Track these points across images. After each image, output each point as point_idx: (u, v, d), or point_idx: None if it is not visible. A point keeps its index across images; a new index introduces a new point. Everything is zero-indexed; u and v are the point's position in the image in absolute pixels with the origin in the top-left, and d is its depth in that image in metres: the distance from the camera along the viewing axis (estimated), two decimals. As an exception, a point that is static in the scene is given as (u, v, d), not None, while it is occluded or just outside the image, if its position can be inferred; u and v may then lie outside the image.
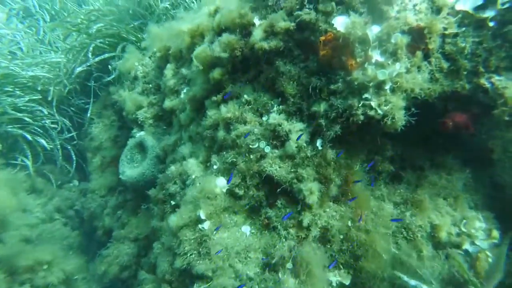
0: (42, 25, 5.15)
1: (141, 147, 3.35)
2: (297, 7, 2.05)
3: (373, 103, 1.73)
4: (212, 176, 2.11)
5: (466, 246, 1.92)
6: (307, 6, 1.92)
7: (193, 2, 4.16)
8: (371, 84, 1.73)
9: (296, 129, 1.95)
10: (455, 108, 1.93)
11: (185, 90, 2.99)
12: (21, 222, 3.66)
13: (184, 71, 3.04)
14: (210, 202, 1.98)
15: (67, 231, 4.08)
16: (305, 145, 1.94)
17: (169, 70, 3.24)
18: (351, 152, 2.02)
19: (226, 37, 2.22)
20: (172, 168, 2.55)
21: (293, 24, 2.00)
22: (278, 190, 1.92)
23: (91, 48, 4.06)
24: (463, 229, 1.95)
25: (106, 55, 4.02)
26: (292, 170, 1.92)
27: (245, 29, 2.23)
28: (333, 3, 1.88)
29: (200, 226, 1.93)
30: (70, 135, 4.41)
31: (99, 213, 4.03)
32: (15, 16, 5.21)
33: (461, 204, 2.02)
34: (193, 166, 2.36)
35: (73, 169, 4.44)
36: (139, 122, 3.50)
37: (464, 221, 1.97)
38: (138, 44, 3.91)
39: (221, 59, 2.28)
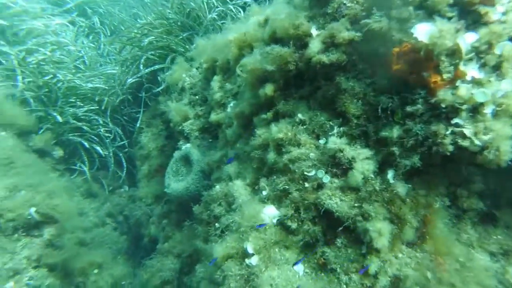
0: (103, 40, 5.53)
1: (187, 160, 3.31)
2: (363, 14, 1.77)
3: (467, 131, 1.37)
4: (261, 204, 1.92)
5: None
6: (377, 13, 1.63)
7: (239, 12, 4.06)
8: (464, 107, 1.39)
9: (361, 157, 1.67)
10: None
11: (231, 104, 2.87)
12: (78, 225, 3.89)
13: (230, 84, 2.92)
14: (259, 234, 1.79)
15: (116, 236, 4.25)
16: (372, 176, 1.64)
17: (215, 82, 3.15)
18: (430, 185, 1.67)
19: (277, 49, 2.02)
20: (217, 188, 2.42)
21: (358, 34, 1.73)
22: (340, 228, 1.65)
23: (142, 60, 4.19)
24: None
25: (156, 67, 4.12)
26: (356, 205, 1.64)
27: (300, 41, 2.00)
28: (411, 8, 1.56)
29: (247, 261, 1.75)
30: (122, 143, 4.61)
31: (145, 221, 4.13)
32: (82, 33, 5.68)
33: None
34: (239, 188, 2.19)
35: (124, 175, 4.64)
36: (185, 134, 3.47)
37: None
38: (187, 55, 3.93)
39: (272, 73, 2.08)
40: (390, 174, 1.62)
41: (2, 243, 2.19)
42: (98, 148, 4.38)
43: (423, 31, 1.44)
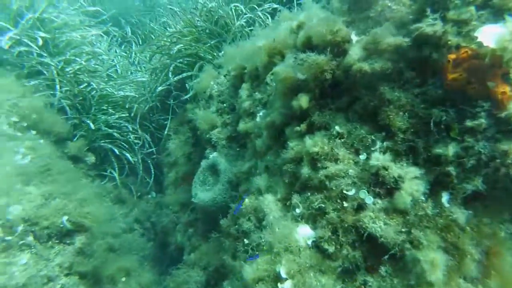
0: (134, 49, 5.72)
1: (214, 169, 3.26)
2: (411, 17, 1.60)
3: (546, 152, 1.16)
4: (294, 223, 1.79)
5: None
6: (431, 16, 1.46)
7: (268, 18, 3.99)
8: (542, 122, 1.18)
9: (409, 176, 1.49)
10: None
11: (261, 113, 2.77)
12: (107, 231, 3.96)
13: (260, 93, 2.83)
14: (292, 257, 1.65)
15: (143, 242, 4.29)
16: (423, 198, 1.46)
17: (244, 90, 3.08)
18: (492, 210, 1.45)
19: (313, 57, 1.89)
20: (246, 201, 2.32)
21: (407, 39, 1.56)
22: (386, 257, 1.47)
23: (171, 68, 4.24)
24: None
25: (184, 74, 4.14)
26: (403, 230, 1.46)
27: (338, 47, 1.86)
28: (472, 8, 1.38)
29: (280, 286, 1.62)
30: (151, 150, 4.69)
31: (171, 229, 4.13)
32: (115, 43, 5.92)
33: None
34: (270, 203, 2.08)
35: (151, 181, 4.70)
36: (213, 142, 3.43)
37: None
38: (214, 62, 3.91)
39: (306, 82, 1.96)
40: (445, 198, 1.43)
41: (38, 250, 2.25)
42: (128, 154, 4.47)
43: (489, 34, 1.25)
